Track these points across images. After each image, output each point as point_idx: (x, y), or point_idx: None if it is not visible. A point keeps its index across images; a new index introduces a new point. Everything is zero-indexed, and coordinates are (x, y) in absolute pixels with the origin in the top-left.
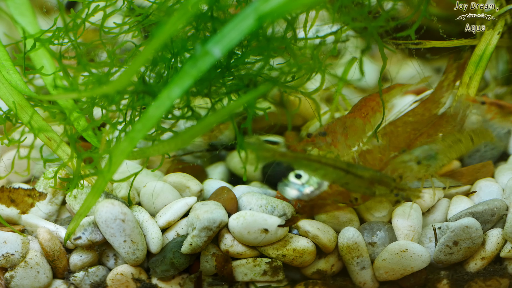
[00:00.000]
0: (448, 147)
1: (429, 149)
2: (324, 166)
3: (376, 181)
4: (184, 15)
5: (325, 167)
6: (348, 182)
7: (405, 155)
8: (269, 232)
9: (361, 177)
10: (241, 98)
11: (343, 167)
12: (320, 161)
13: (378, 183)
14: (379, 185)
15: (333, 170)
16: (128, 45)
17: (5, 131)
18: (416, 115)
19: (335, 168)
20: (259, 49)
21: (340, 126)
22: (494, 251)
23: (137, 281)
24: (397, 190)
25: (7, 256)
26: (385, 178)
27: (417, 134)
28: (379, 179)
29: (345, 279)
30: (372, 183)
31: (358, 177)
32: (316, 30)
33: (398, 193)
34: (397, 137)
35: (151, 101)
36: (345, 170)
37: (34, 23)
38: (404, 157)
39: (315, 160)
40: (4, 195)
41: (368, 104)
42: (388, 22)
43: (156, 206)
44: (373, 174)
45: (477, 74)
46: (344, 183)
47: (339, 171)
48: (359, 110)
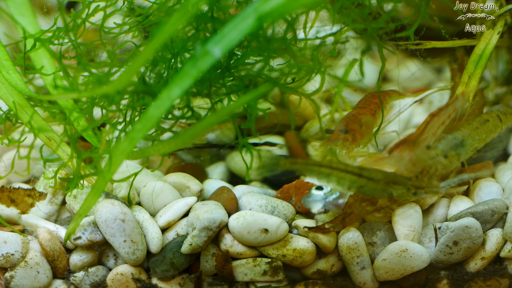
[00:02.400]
0: (475, 129)
1: (453, 138)
2: (335, 171)
3: (390, 182)
4: (184, 15)
5: (337, 172)
6: (362, 185)
7: (431, 151)
8: (269, 232)
9: (375, 179)
10: (241, 99)
11: (355, 171)
12: (332, 166)
13: (393, 183)
14: (395, 185)
15: (346, 175)
16: (128, 45)
17: (5, 131)
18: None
19: (347, 173)
20: (259, 49)
21: (358, 123)
22: (494, 251)
23: (137, 281)
24: (415, 188)
25: (7, 256)
26: (400, 177)
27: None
28: (393, 179)
29: (345, 279)
30: (387, 183)
31: (371, 180)
32: (316, 31)
33: (416, 192)
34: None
35: (151, 101)
36: (358, 174)
37: (34, 23)
38: (430, 154)
39: (326, 165)
40: (4, 195)
41: (374, 100)
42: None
43: (156, 206)
44: (386, 174)
45: (476, 73)
46: (358, 187)
47: (351, 175)
48: (369, 106)
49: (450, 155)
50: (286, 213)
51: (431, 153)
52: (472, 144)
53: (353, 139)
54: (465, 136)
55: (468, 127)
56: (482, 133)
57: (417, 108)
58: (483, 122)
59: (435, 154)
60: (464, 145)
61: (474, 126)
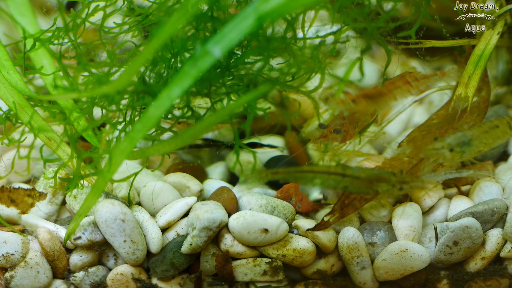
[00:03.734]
0: (484, 133)
1: (463, 135)
2: (318, 175)
3: (374, 179)
4: (184, 15)
5: (320, 175)
6: (347, 185)
7: (437, 142)
8: (269, 232)
9: (358, 178)
10: (241, 98)
11: (338, 172)
12: (313, 170)
13: (376, 181)
14: (378, 183)
15: (329, 177)
16: (128, 45)
17: (5, 131)
18: (440, 117)
19: (330, 174)
20: (259, 49)
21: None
22: (494, 251)
23: (137, 281)
24: (400, 184)
25: (7, 256)
26: (383, 174)
27: (441, 131)
28: (377, 176)
29: (345, 279)
30: (370, 182)
31: (355, 179)
32: (316, 30)
33: (402, 187)
34: (422, 140)
35: (151, 101)
36: (341, 174)
37: (34, 23)
38: (436, 145)
39: (308, 170)
40: (4, 195)
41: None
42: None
43: (156, 206)
44: (370, 172)
45: (476, 73)
46: (343, 187)
47: (335, 176)
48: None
49: (455, 150)
50: (286, 213)
51: (437, 144)
52: (478, 146)
53: (343, 139)
54: (473, 137)
55: (478, 129)
56: (490, 138)
57: (417, 108)
58: (492, 127)
59: (441, 146)
60: (471, 145)
61: (484, 130)
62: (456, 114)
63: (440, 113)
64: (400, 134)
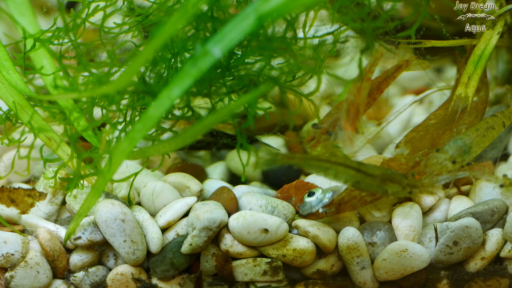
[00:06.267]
0: (482, 137)
1: (463, 145)
2: (334, 166)
3: (387, 179)
4: (184, 15)
5: (335, 166)
6: (359, 180)
7: (440, 155)
8: (269, 232)
9: (372, 175)
10: (242, 98)
11: (353, 166)
12: (330, 160)
13: (389, 181)
14: (391, 183)
15: (344, 169)
16: (128, 45)
17: (5, 131)
18: (438, 117)
19: (345, 167)
20: (259, 49)
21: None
22: (494, 251)
23: (137, 281)
24: (410, 187)
25: (7, 256)
26: (396, 175)
27: (439, 132)
28: (390, 176)
29: (345, 279)
30: (383, 181)
31: (369, 176)
32: (315, 30)
33: (411, 191)
34: (420, 141)
35: (151, 101)
36: (356, 169)
37: (34, 23)
38: (439, 158)
39: (325, 160)
40: (4, 195)
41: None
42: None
43: (156, 206)
44: (384, 171)
45: (476, 73)
46: (355, 182)
47: (349, 170)
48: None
49: (457, 161)
50: (286, 213)
51: (440, 158)
52: (476, 152)
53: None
54: (473, 143)
55: (476, 133)
56: (487, 141)
57: (417, 108)
58: (489, 129)
59: (443, 159)
60: (470, 152)
61: (481, 133)
62: (456, 114)
63: (438, 113)
64: (400, 134)
